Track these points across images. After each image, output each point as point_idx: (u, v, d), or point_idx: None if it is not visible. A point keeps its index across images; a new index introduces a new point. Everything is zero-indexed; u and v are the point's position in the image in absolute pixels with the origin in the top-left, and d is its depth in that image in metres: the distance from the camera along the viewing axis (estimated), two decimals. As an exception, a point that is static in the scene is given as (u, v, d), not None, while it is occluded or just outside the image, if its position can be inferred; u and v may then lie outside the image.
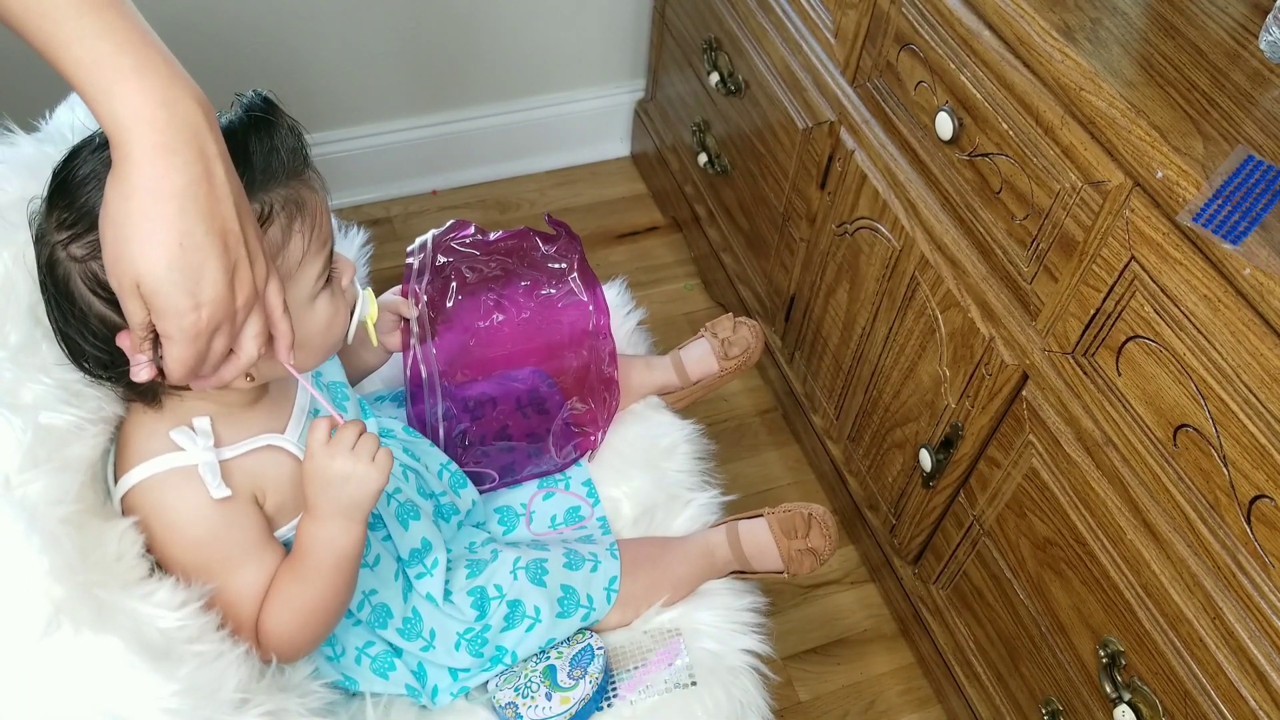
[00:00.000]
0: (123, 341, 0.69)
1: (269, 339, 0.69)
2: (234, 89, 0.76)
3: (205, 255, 0.61)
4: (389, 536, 0.91)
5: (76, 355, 0.74)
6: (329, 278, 0.79)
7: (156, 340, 0.65)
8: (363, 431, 0.77)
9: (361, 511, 0.78)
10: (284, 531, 0.83)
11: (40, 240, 0.70)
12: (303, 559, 0.79)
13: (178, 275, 0.60)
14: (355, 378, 1.04)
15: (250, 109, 0.72)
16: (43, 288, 0.72)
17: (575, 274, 1.10)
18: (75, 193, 0.68)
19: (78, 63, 0.58)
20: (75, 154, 0.70)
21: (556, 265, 1.11)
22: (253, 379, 0.73)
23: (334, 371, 0.94)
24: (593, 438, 1.09)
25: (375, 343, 0.95)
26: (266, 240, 0.70)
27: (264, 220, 0.71)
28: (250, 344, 0.67)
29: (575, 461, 1.09)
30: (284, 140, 0.73)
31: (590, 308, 1.08)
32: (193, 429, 0.76)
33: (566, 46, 1.84)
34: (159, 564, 0.77)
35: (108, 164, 0.61)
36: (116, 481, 0.77)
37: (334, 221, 0.81)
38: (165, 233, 0.59)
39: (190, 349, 0.63)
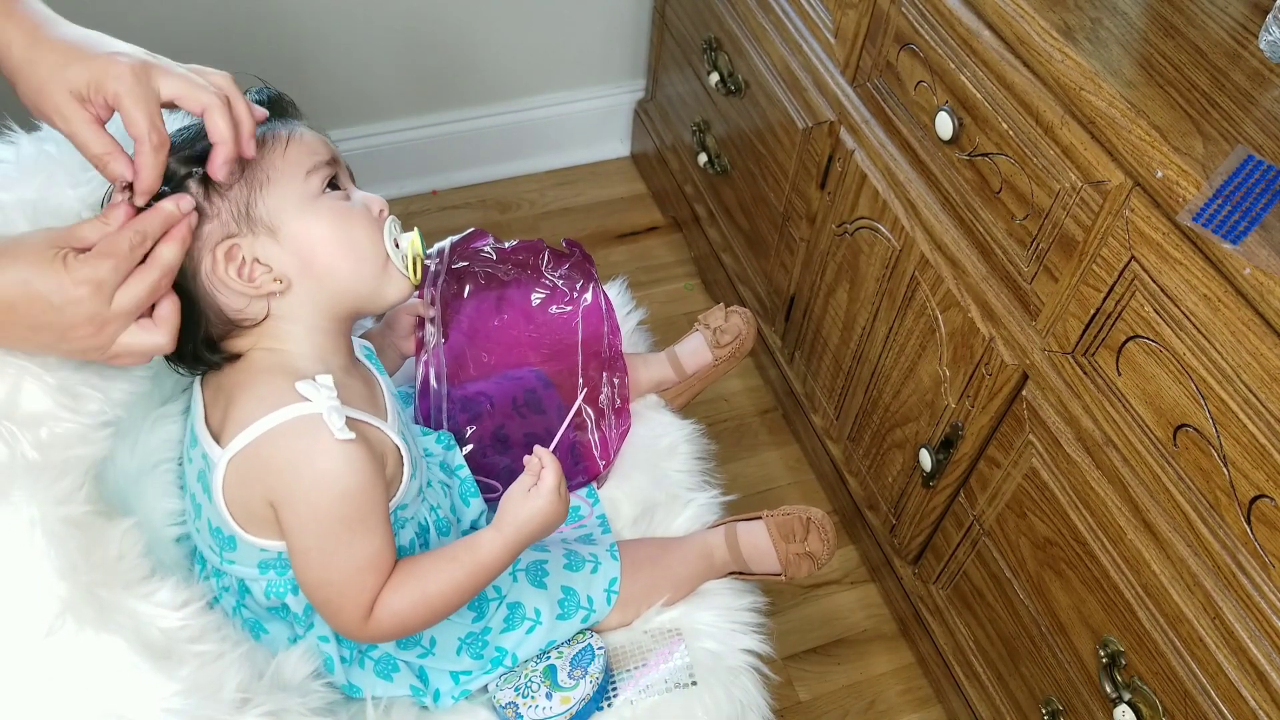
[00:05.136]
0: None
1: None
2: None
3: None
4: (426, 545, 0.91)
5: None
6: (336, 187, 0.85)
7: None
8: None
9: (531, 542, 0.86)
10: None
11: None
12: (463, 560, 0.82)
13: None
14: None
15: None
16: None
17: (589, 296, 1.12)
18: None
19: None
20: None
21: (568, 283, 1.13)
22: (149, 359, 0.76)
23: None
24: (601, 464, 1.08)
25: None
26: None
27: None
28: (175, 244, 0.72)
29: (583, 485, 1.08)
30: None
31: (604, 329, 1.09)
32: (315, 382, 0.78)
33: (566, 46, 1.84)
34: (280, 520, 0.77)
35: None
36: (223, 438, 0.78)
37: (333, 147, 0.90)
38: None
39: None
